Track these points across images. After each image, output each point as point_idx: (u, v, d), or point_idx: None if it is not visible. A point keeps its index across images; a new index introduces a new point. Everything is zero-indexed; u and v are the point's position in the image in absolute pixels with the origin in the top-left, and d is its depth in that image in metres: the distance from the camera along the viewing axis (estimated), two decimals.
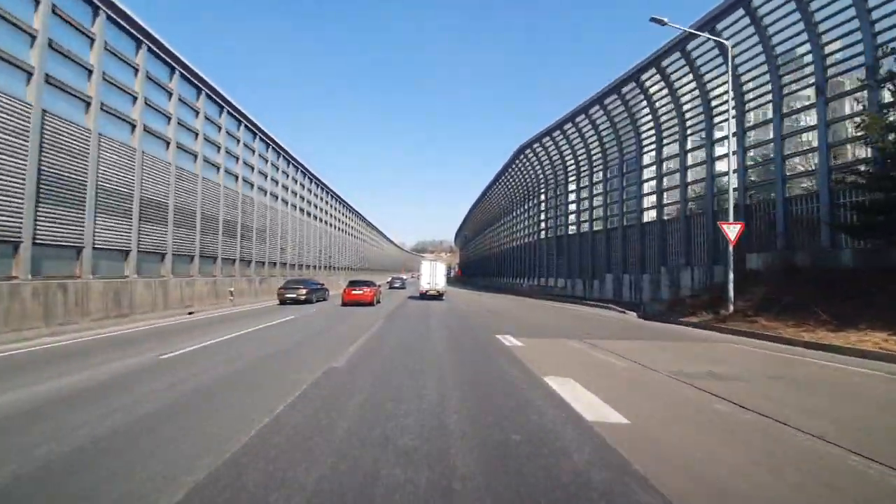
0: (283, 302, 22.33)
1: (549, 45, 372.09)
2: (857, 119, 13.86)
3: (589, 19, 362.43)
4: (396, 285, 50.11)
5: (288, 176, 33.53)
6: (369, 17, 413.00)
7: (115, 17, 14.64)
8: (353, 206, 57.81)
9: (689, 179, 22.64)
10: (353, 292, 22.47)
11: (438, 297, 28.70)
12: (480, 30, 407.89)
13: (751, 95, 19.16)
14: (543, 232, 41.63)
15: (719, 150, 20.33)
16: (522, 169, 44.30)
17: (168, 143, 18.25)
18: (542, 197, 41.40)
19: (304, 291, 22.71)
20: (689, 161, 22.57)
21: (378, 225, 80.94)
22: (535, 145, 38.31)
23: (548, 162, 38.19)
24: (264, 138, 28.64)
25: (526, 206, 47.04)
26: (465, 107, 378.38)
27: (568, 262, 35.30)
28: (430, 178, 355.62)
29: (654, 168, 24.96)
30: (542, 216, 41.88)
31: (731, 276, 14.04)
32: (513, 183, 49.37)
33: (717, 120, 20.54)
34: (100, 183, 14.05)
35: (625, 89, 25.40)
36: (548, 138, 35.76)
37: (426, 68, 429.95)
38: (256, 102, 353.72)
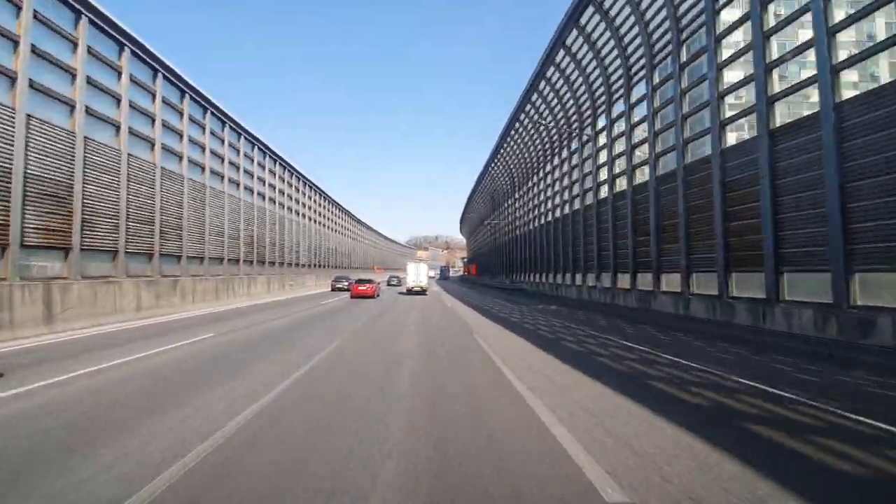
0: (333, 289, 34.83)
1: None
2: None
3: None
4: (393, 283, 53.72)
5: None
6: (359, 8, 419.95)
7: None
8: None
9: None
10: (360, 288, 27.42)
11: (422, 292, 34.59)
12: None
13: None
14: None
15: None
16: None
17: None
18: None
19: (346, 283, 35.09)
20: None
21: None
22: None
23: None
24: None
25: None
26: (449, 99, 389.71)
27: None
28: (423, 173, 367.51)
29: None
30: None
31: None
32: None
33: None
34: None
35: None
36: None
37: (418, 60, 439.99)
38: (263, 120, 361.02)
